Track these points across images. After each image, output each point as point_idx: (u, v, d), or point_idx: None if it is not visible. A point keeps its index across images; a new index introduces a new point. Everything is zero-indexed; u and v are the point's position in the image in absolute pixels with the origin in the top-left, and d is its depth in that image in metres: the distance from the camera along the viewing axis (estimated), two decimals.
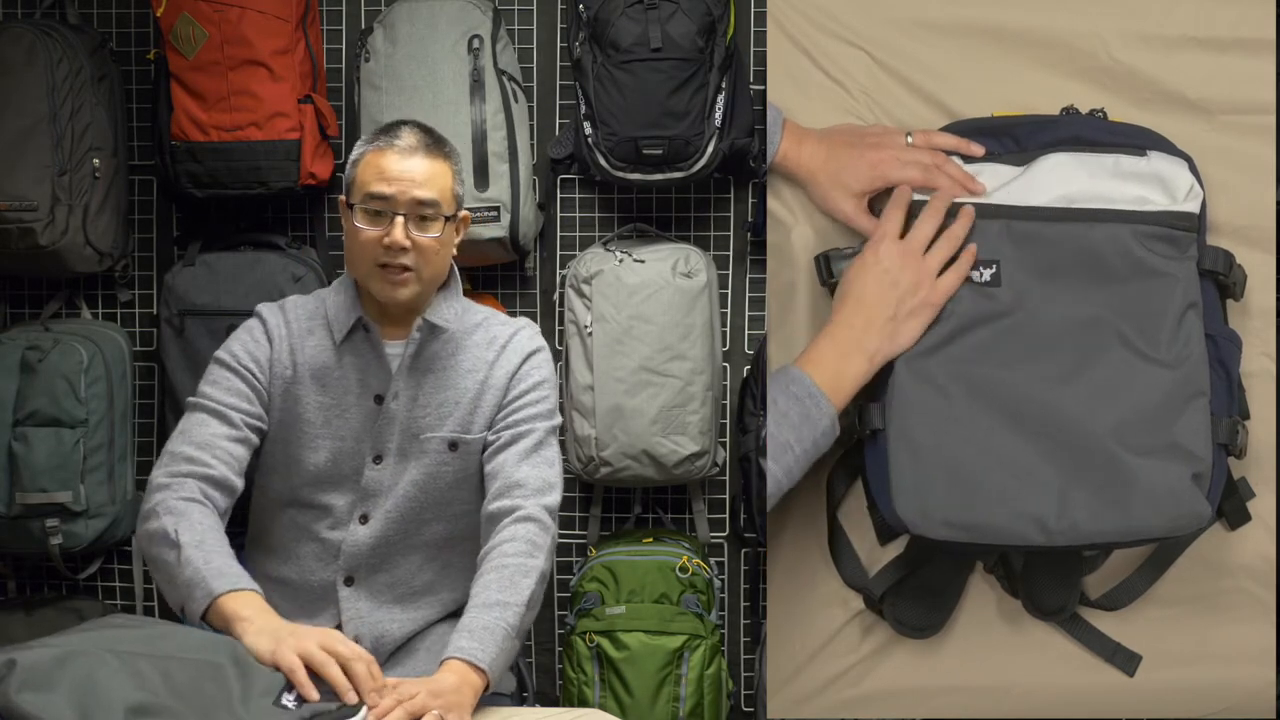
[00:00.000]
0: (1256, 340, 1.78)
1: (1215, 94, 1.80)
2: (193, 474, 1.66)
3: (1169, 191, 1.68)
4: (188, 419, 1.73)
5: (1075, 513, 1.60)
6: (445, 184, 1.76)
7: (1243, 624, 1.79)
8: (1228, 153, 1.79)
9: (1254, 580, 1.80)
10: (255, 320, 1.83)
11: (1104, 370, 1.64)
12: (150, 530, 1.61)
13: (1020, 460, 1.62)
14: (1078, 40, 1.82)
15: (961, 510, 1.62)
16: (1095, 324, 1.65)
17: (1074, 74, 1.82)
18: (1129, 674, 1.79)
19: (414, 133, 1.76)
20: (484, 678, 1.51)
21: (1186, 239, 1.67)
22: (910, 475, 1.63)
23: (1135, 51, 1.82)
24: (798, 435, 1.59)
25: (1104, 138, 1.72)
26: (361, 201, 1.73)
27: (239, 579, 1.52)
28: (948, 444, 1.63)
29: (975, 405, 1.64)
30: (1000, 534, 1.62)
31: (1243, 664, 1.79)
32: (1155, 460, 1.61)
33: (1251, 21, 1.81)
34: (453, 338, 1.79)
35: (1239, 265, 1.73)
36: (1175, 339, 1.65)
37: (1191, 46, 1.81)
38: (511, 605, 1.59)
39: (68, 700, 1.08)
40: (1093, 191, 1.68)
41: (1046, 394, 1.63)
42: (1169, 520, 1.61)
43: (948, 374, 1.65)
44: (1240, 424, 1.67)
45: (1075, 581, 1.78)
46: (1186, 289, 1.66)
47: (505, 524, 1.68)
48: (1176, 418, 1.62)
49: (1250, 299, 1.78)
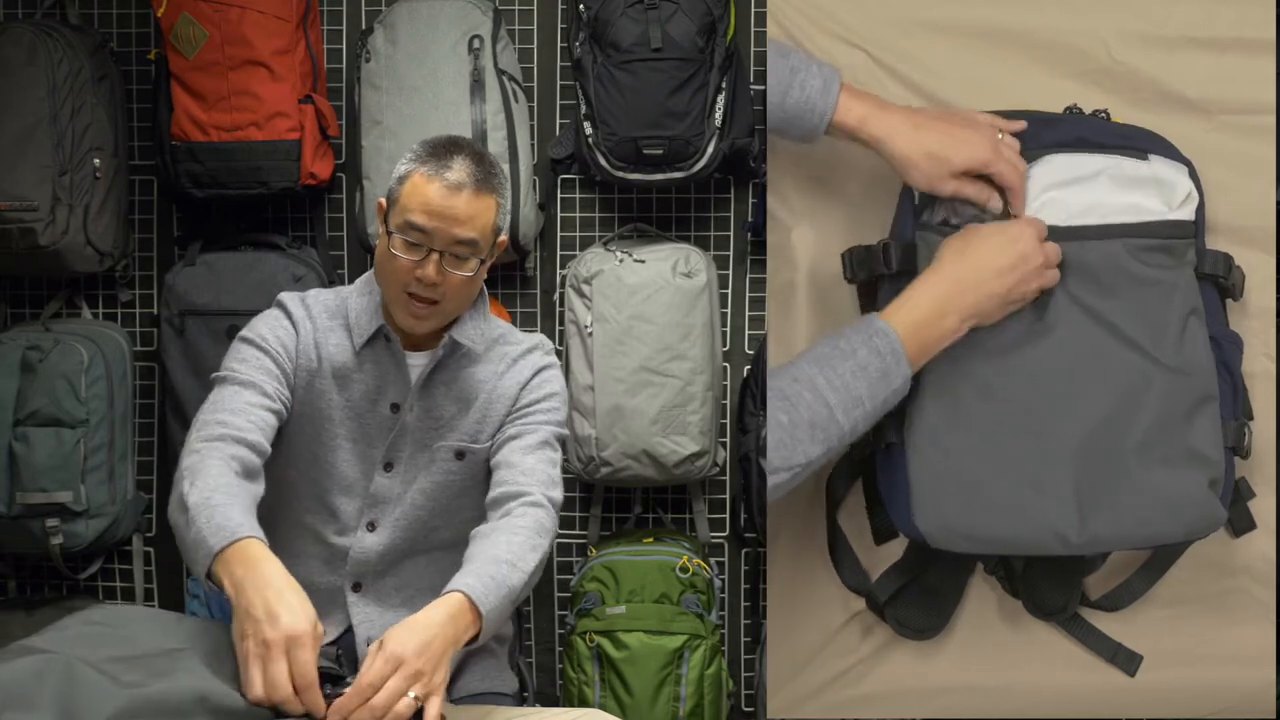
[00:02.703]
0: (1256, 340, 1.78)
1: (1215, 94, 1.80)
2: (223, 437, 1.58)
3: (1166, 198, 1.68)
4: (217, 391, 1.67)
5: (1095, 523, 1.59)
6: (488, 221, 1.69)
7: (1243, 624, 1.79)
8: (1228, 153, 1.79)
9: (1254, 581, 1.80)
10: (278, 309, 1.78)
11: (1118, 379, 1.63)
12: (171, 499, 1.54)
13: (1039, 472, 1.61)
14: (1078, 40, 1.82)
15: (983, 524, 1.60)
16: (1107, 334, 1.65)
17: (1074, 74, 1.82)
18: (1130, 674, 1.79)
19: (466, 164, 1.67)
20: (478, 623, 1.44)
21: (1183, 246, 1.67)
22: (930, 490, 1.61)
23: (1135, 51, 1.81)
24: (871, 391, 1.53)
25: (1106, 139, 1.71)
26: (400, 229, 1.66)
27: (237, 529, 1.42)
28: (967, 458, 1.61)
29: (993, 419, 1.62)
30: (1021, 545, 1.61)
31: (1243, 665, 1.79)
32: (1173, 468, 1.60)
33: (1251, 21, 1.81)
34: (471, 353, 1.77)
35: (1238, 266, 1.73)
36: (1180, 345, 1.64)
37: (1191, 46, 1.81)
38: (519, 569, 1.54)
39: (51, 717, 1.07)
40: (1090, 200, 1.67)
41: (1063, 405, 1.63)
42: (1187, 525, 1.61)
43: (965, 388, 1.63)
44: (1246, 425, 1.67)
45: (1076, 582, 1.78)
46: (1186, 295, 1.66)
47: (514, 505, 1.64)
48: (1190, 424, 1.62)
49: (1250, 299, 1.78)
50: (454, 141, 1.71)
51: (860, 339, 1.53)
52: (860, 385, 1.51)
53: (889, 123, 1.65)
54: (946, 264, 1.61)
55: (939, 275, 1.60)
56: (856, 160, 1.80)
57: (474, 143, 1.75)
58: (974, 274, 1.59)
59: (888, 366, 1.53)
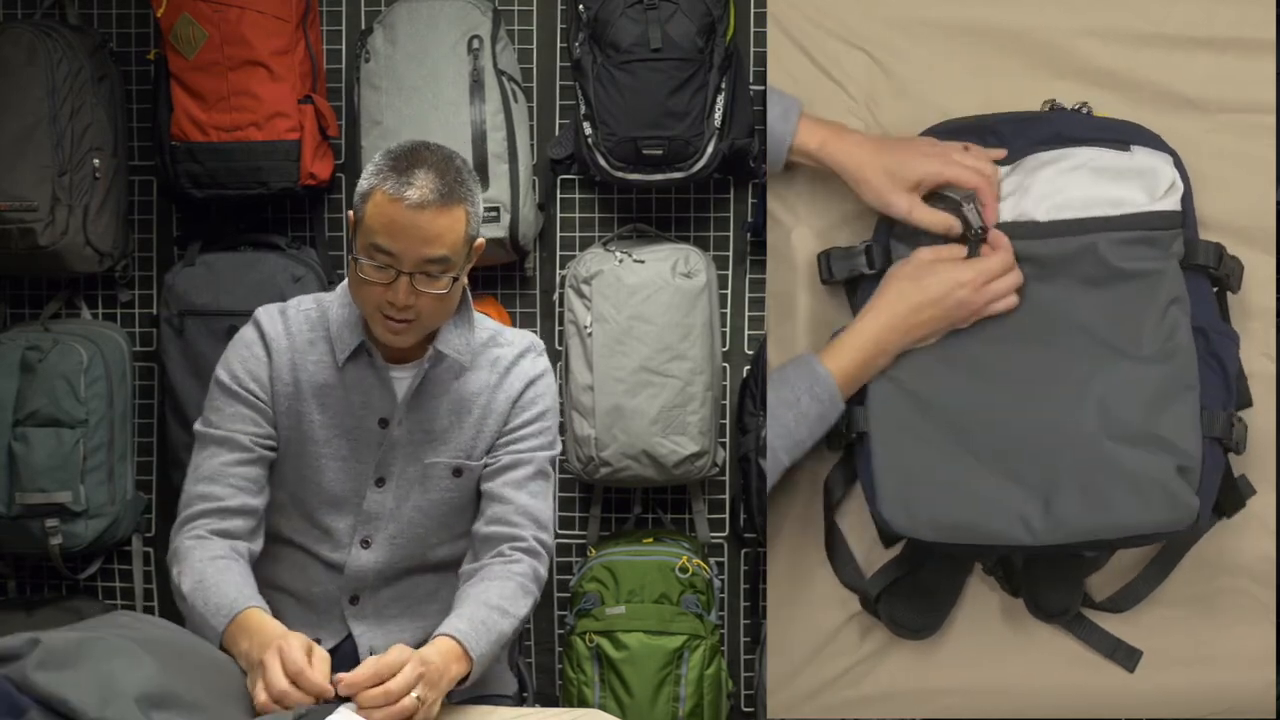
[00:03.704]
0: (1256, 340, 1.77)
1: (1215, 94, 1.80)
2: (204, 512, 1.63)
3: (1149, 189, 1.67)
4: (197, 453, 1.69)
5: (1060, 510, 1.61)
6: (458, 234, 1.60)
7: (1242, 625, 1.79)
8: (1228, 153, 1.78)
9: (1254, 581, 1.79)
10: (253, 330, 1.73)
11: (1083, 369, 1.64)
12: (171, 583, 1.61)
13: (1003, 461, 1.63)
14: (1078, 40, 1.82)
15: (946, 512, 1.63)
16: (1074, 325, 1.65)
17: (1074, 73, 1.81)
18: (1130, 670, 1.79)
19: (428, 177, 1.57)
20: (469, 667, 1.48)
21: (1168, 237, 1.67)
22: (894, 478, 1.65)
23: (1135, 51, 1.81)
24: (811, 432, 1.66)
25: (1087, 134, 1.71)
26: (366, 252, 1.59)
27: (233, 605, 1.50)
28: (930, 447, 1.65)
29: (956, 409, 1.66)
30: (986, 534, 1.63)
31: (1243, 665, 1.79)
32: (1137, 454, 1.60)
33: (1251, 21, 1.81)
34: (459, 363, 1.73)
35: (1231, 256, 1.71)
36: (1158, 335, 1.64)
37: (1191, 46, 1.81)
38: (510, 616, 1.58)
39: (87, 682, 1.09)
40: (1070, 197, 1.67)
41: (1027, 395, 1.64)
42: (1157, 515, 1.60)
43: (928, 378, 1.67)
44: (1237, 417, 1.66)
45: (1078, 583, 1.77)
46: (1169, 285, 1.66)
47: (508, 548, 1.66)
48: (1160, 412, 1.62)
49: (1250, 299, 1.77)
50: (414, 151, 1.61)
51: (803, 387, 1.65)
52: (802, 430, 1.66)
53: (847, 144, 1.72)
54: (885, 303, 1.67)
55: (877, 316, 1.67)
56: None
57: (438, 148, 1.64)
58: (910, 318, 1.66)
59: (825, 410, 1.66)
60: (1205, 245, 1.69)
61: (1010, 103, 1.78)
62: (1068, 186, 1.68)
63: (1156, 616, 1.80)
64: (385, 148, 1.65)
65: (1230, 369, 1.66)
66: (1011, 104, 1.78)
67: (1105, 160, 1.68)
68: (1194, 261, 1.68)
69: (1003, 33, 1.83)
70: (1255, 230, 1.79)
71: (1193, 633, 1.79)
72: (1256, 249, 1.77)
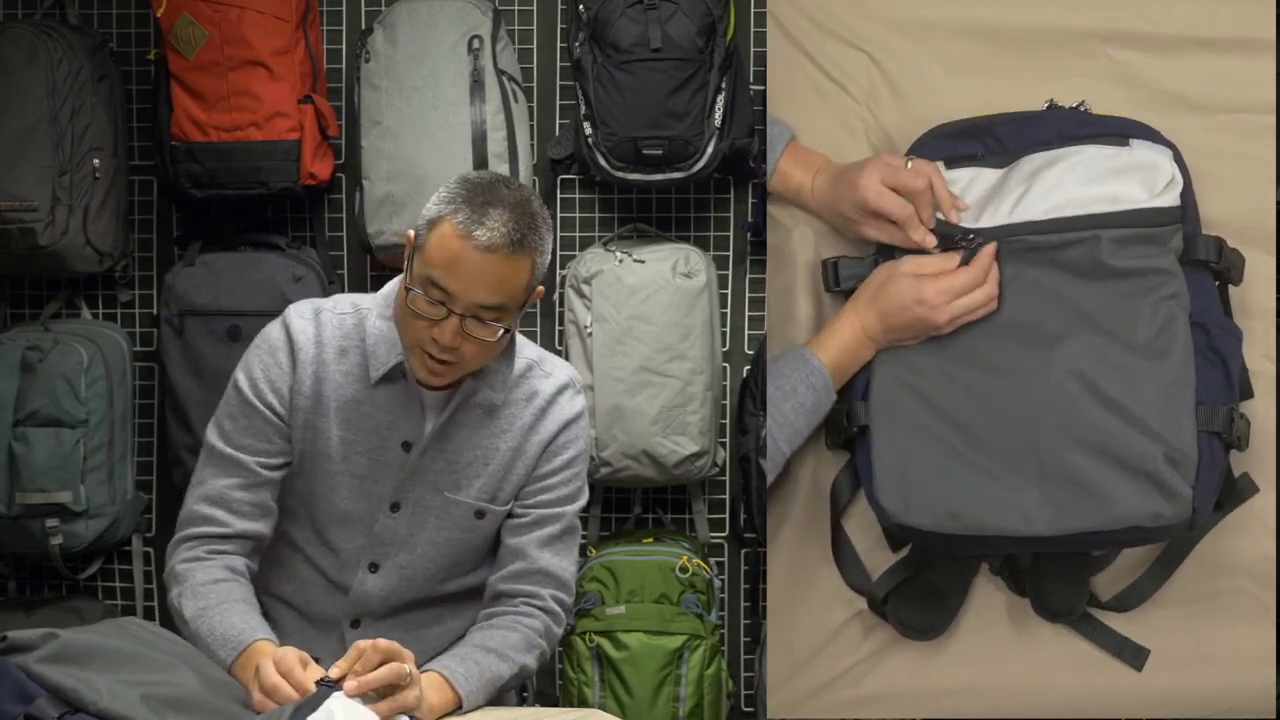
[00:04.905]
0: (1256, 340, 1.77)
1: (1215, 94, 1.80)
2: (205, 535, 1.60)
3: (1148, 184, 1.67)
4: (204, 464, 1.64)
5: (1055, 502, 1.62)
6: (520, 282, 1.52)
7: (1243, 625, 1.79)
8: (1228, 153, 1.78)
9: (1254, 581, 1.79)
10: (281, 333, 1.64)
11: (1080, 363, 1.65)
12: (170, 604, 1.59)
13: (1000, 452, 1.65)
14: (1078, 40, 1.82)
15: (944, 502, 1.65)
16: (1072, 321, 1.66)
17: (1074, 74, 1.82)
18: (1137, 668, 1.78)
19: (505, 218, 1.48)
20: (453, 701, 1.48)
21: (1166, 233, 1.66)
22: (893, 468, 1.68)
23: (1134, 51, 1.82)
24: (808, 422, 1.72)
25: (1084, 131, 1.71)
26: (421, 284, 1.50)
27: (240, 637, 1.48)
28: (929, 438, 1.67)
29: (955, 401, 1.68)
30: (982, 525, 1.64)
31: (1243, 665, 1.79)
32: (1130, 445, 1.61)
33: (1251, 21, 1.81)
34: (494, 399, 1.65)
35: (1232, 250, 1.71)
36: (1154, 330, 1.64)
37: (1191, 46, 1.81)
38: (509, 661, 1.56)
39: (96, 677, 1.11)
40: (1069, 195, 1.67)
41: (1023, 388, 1.66)
42: (1150, 505, 1.59)
43: (928, 372, 1.70)
44: (1239, 413, 1.65)
45: (1084, 582, 1.77)
46: (1167, 281, 1.66)
47: (522, 604, 1.64)
48: (1154, 407, 1.62)
49: (1250, 299, 1.77)
50: (493, 187, 1.51)
51: (799, 377, 1.70)
52: (800, 420, 1.71)
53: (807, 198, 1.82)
54: (861, 307, 1.73)
55: (854, 320, 1.73)
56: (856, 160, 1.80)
57: (518, 187, 1.55)
58: (878, 324, 1.72)
59: (819, 399, 1.71)
60: (1206, 240, 1.69)
61: (1010, 103, 1.78)
62: (1067, 184, 1.68)
63: (1157, 617, 1.80)
64: (461, 175, 1.56)
65: (1232, 365, 1.66)
66: (1011, 104, 1.78)
67: (1104, 156, 1.69)
68: (1194, 256, 1.68)
69: (1003, 34, 1.83)
70: (1255, 230, 1.79)
71: (1193, 633, 1.79)
72: (1256, 249, 1.77)
